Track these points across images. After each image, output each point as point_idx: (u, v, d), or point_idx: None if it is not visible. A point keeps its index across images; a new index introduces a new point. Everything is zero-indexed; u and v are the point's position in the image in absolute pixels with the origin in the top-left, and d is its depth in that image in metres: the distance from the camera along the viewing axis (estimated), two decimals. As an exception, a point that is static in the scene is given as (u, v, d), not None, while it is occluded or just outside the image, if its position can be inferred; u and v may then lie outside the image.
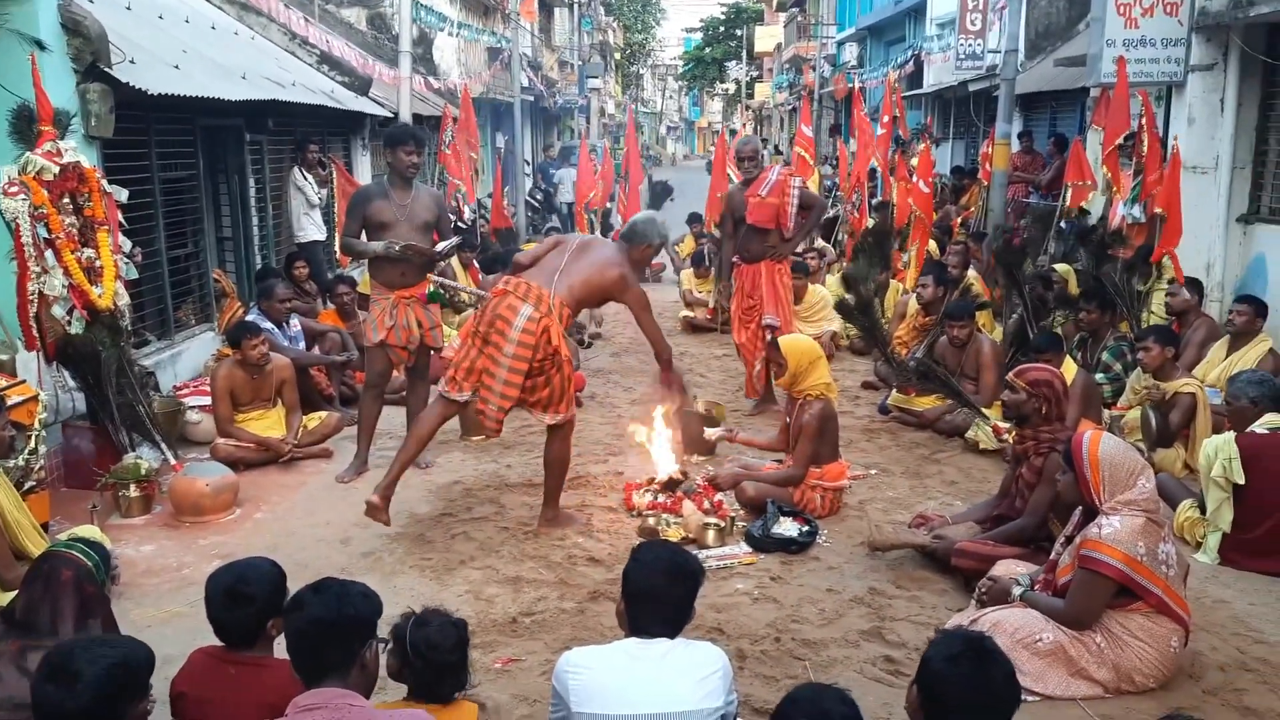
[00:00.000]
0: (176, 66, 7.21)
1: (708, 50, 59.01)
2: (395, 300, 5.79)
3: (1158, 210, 7.50)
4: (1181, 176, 8.39)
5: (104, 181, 5.54)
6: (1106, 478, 3.60)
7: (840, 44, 31.82)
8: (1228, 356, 6.35)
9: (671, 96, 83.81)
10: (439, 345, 6.10)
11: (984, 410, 6.38)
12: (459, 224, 11.88)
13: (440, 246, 5.88)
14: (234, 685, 2.72)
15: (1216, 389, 5.99)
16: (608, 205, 14.29)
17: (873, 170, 13.52)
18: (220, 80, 7.74)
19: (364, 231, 5.81)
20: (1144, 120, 8.07)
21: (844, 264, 11.10)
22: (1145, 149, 8.01)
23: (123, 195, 5.71)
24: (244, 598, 2.77)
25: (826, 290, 9.62)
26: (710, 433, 5.93)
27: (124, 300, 5.63)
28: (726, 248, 7.34)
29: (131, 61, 6.32)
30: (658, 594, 2.61)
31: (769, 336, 6.83)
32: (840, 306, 7.53)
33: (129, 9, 7.52)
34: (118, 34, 6.27)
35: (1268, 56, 7.94)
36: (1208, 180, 8.44)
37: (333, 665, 2.35)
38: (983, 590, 3.88)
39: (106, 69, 6.00)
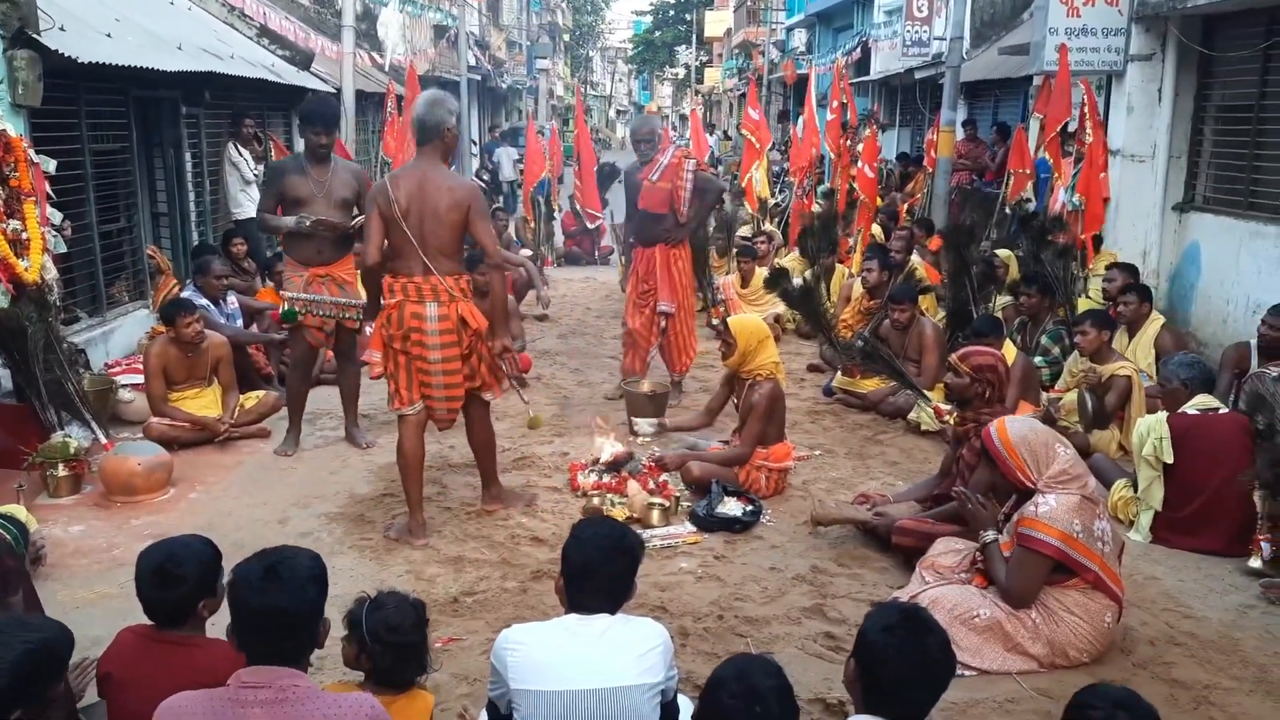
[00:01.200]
0: (109, 35, 7.00)
1: (657, 34, 58.83)
2: (310, 278, 5.65)
3: (1078, 196, 7.65)
4: (1119, 165, 8.58)
5: (31, 151, 5.37)
6: (1028, 457, 3.65)
7: (789, 30, 31.94)
8: (1129, 344, 6.52)
9: (621, 80, 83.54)
10: (357, 326, 5.91)
11: (926, 392, 6.46)
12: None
13: (356, 222, 5.75)
14: (162, 665, 2.63)
15: (1146, 374, 6.14)
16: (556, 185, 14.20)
17: (822, 157, 13.60)
18: (154, 50, 7.53)
19: (281, 207, 5.64)
20: (1086, 108, 8.20)
21: (790, 249, 11.15)
22: (1090, 137, 8.15)
23: (50, 166, 5.54)
24: (175, 578, 2.69)
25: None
26: (640, 424, 5.95)
27: (52, 274, 5.47)
28: (626, 229, 7.08)
29: (61, 29, 6.12)
30: (597, 570, 2.59)
31: (662, 324, 6.83)
32: (782, 292, 7.54)
33: (59, -26, 7.28)
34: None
35: (1204, 47, 8.10)
36: (1145, 169, 8.61)
37: (286, 652, 2.29)
38: (969, 506, 3.85)
39: (35, 35, 5.80)
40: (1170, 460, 4.68)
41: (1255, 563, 4.38)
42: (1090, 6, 8.62)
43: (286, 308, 5.58)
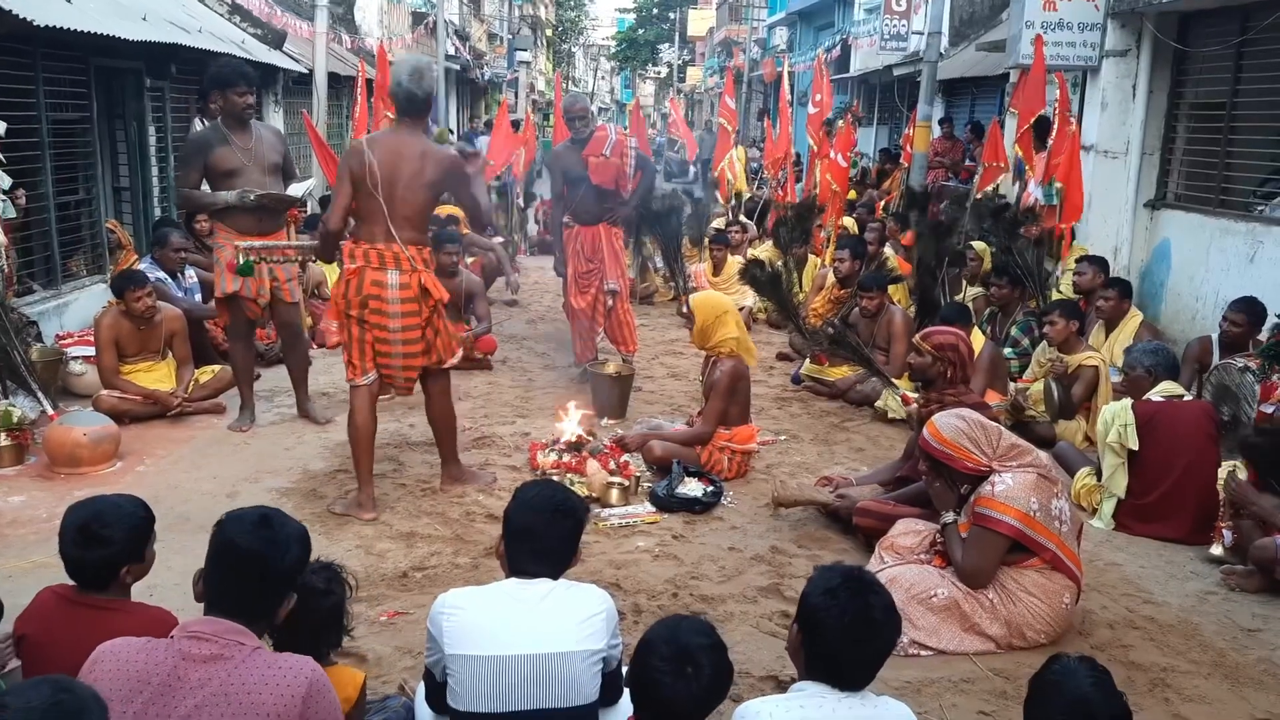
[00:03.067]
0: (69, 1, 6.82)
1: (641, 31, 58.74)
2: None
3: (1058, 185, 7.61)
4: (1093, 161, 8.55)
5: (-21, 113, 5.21)
6: (969, 445, 3.60)
7: (771, 28, 31.98)
8: (1107, 338, 6.49)
9: (603, 77, 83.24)
10: (296, 299, 5.77)
11: (893, 380, 6.39)
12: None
13: (297, 191, 5.57)
14: (81, 628, 2.49)
15: (1115, 367, 6.10)
16: (531, 175, 14.02)
17: (799, 154, 13.54)
18: (117, 19, 7.36)
19: (205, 181, 5.41)
20: (1058, 103, 8.16)
21: (765, 240, 11.09)
22: (1055, 132, 8.11)
23: None
24: (99, 539, 2.55)
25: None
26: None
27: (-1, 239, 5.31)
28: (557, 209, 6.89)
29: (18, -9, 5.94)
30: (538, 533, 2.50)
31: (609, 302, 6.74)
32: (751, 279, 7.47)
33: (18, -63, 7.10)
34: (1, -41, 5.89)
35: (1179, 44, 8.09)
36: (1118, 165, 8.59)
37: (247, 606, 2.16)
38: (935, 485, 3.79)
39: (-13, -5, 5.64)
40: (1135, 446, 4.64)
41: (1216, 550, 4.35)
42: (1067, 1, 8.59)
43: (242, 260, 5.33)
